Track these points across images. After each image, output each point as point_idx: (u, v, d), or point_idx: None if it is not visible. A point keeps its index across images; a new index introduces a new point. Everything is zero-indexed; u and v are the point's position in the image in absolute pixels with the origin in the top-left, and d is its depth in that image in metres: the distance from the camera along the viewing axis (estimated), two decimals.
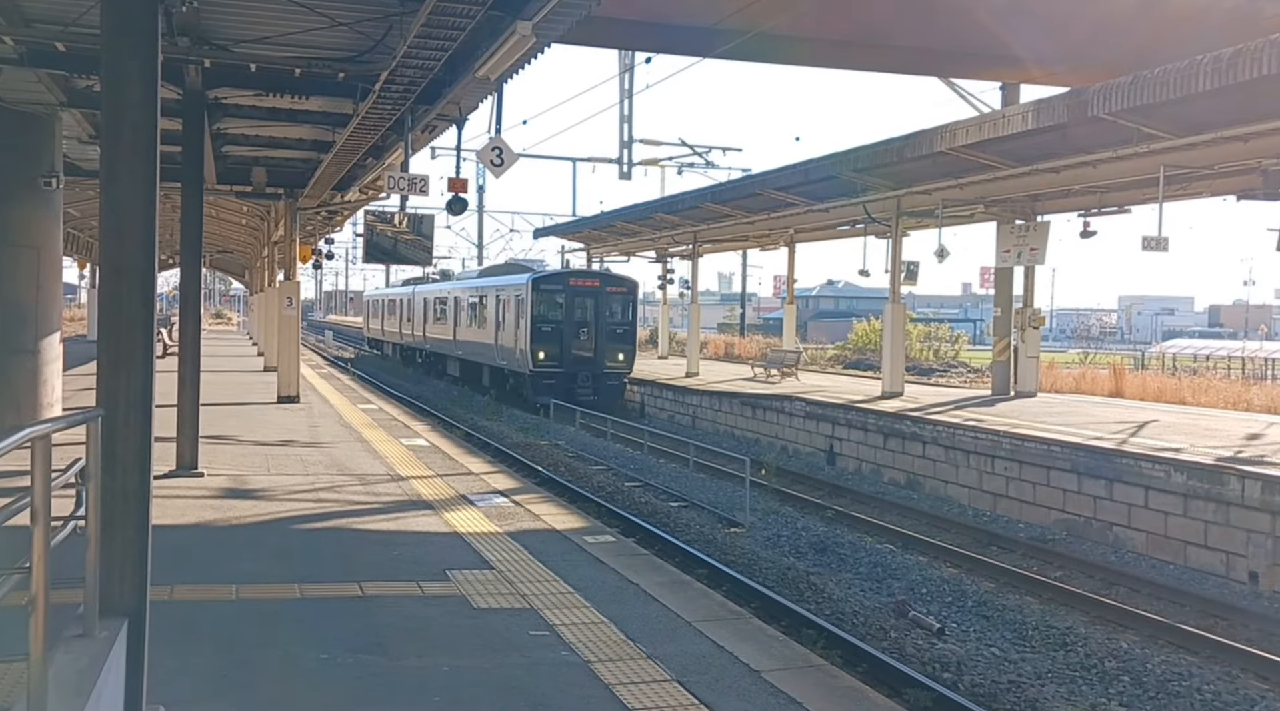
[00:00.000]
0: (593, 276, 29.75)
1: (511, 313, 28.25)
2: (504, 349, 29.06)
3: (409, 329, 42.57)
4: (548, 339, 27.01)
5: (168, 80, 10.91)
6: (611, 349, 27.57)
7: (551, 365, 26.89)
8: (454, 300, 35.05)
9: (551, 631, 6.29)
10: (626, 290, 28.79)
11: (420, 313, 40.17)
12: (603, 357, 27.37)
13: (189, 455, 11.48)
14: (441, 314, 36.86)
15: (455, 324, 34.65)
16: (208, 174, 17.37)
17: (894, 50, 16.88)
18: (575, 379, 26.91)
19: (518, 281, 28.65)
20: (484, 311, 31.30)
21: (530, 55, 9.60)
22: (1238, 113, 11.95)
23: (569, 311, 27.45)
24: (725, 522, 13.94)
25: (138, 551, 4.65)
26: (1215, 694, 8.18)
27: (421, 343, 40.12)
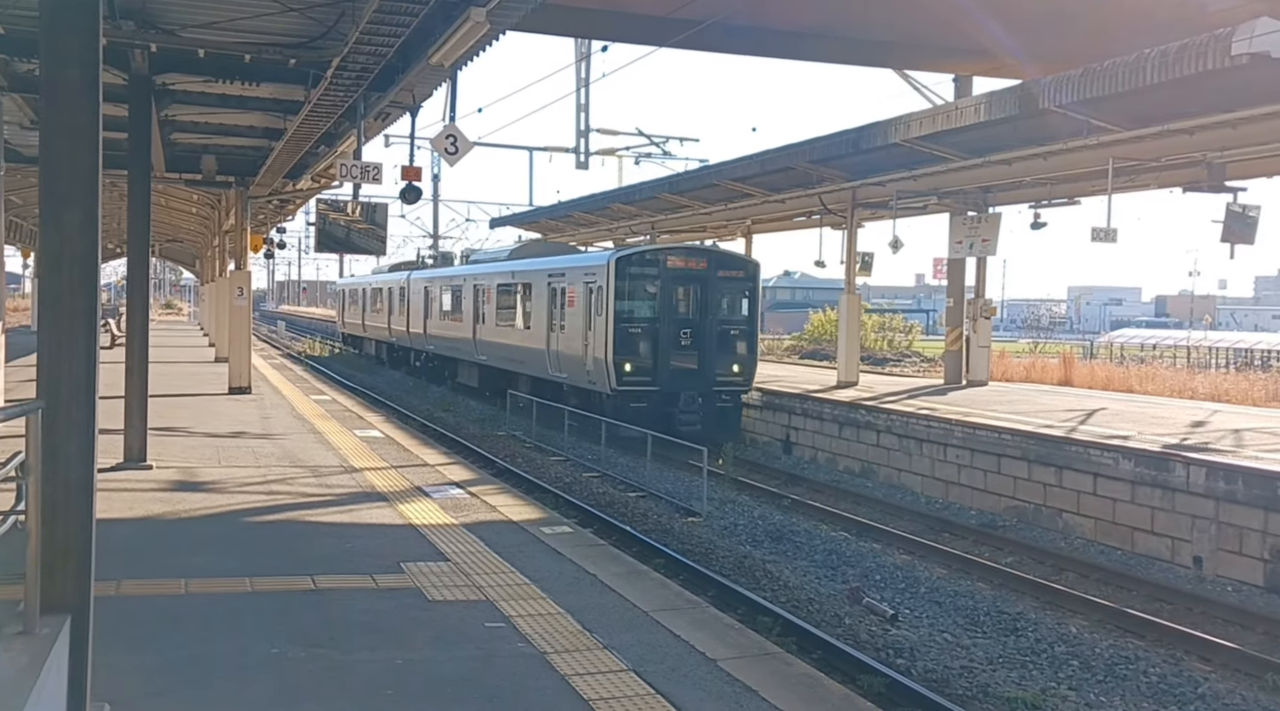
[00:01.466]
0: (699, 255, 20.51)
1: (580, 306, 20.32)
2: (565, 357, 21.06)
3: (401, 324, 34.59)
4: (637, 344, 19.26)
5: (112, 65, 10.67)
6: (725, 357, 19.64)
7: (641, 381, 19.05)
8: (474, 288, 27.18)
9: (507, 623, 6.26)
10: (745, 273, 20.53)
11: (419, 304, 32.36)
12: (712, 369, 19.48)
13: (137, 447, 11.28)
14: (453, 306, 29.17)
15: (476, 319, 26.88)
16: (156, 161, 17.04)
17: (849, 42, 16.97)
18: (676, 400, 19.00)
19: (592, 262, 21.04)
20: (528, 303, 23.47)
21: (484, 42, 9.51)
22: (1184, 106, 12.15)
23: (667, 304, 19.52)
24: (683, 512, 13.98)
25: (81, 546, 4.54)
26: (1160, 676, 8.35)
27: (420, 341, 32.58)
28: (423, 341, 32.28)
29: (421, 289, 32.40)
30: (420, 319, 32.29)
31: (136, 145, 11.82)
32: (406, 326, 34.07)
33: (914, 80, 18.91)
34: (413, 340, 33.64)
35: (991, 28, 15.46)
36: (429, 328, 31.42)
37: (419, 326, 32.46)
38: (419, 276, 33.79)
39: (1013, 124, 13.96)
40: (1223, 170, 13.99)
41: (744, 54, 18.58)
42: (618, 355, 19.04)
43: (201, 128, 15.95)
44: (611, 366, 19.02)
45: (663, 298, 19.55)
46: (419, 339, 32.72)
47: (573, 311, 20.76)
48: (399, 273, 37.22)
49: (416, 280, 33.58)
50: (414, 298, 33.23)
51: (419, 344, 32.94)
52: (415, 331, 33.00)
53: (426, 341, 31.77)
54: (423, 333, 32.04)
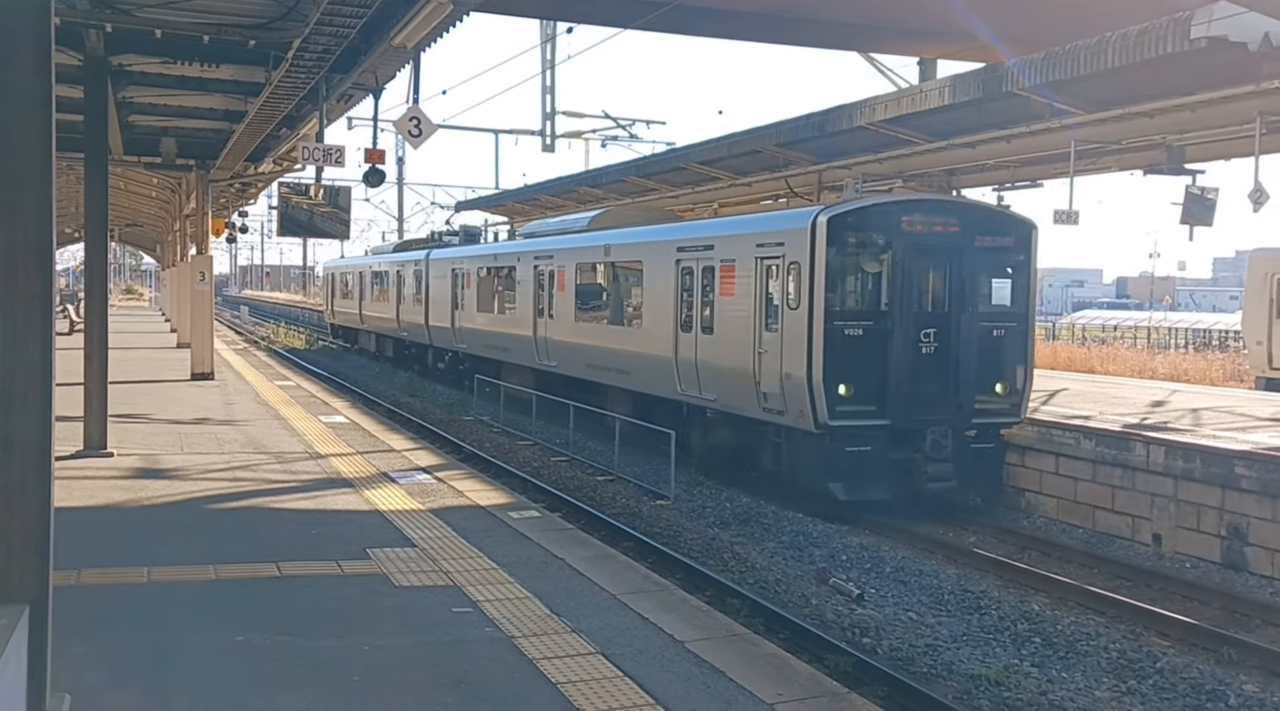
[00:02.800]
0: (948, 211, 13.58)
1: (749, 294, 13.55)
2: (713, 371, 14.39)
3: (416, 315, 28.18)
4: (857, 355, 12.52)
5: (66, 45, 10.46)
6: (987, 371, 13.02)
7: (862, 412, 12.48)
8: (534, 271, 20.47)
9: (475, 608, 6.26)
10: (1014, 240, 13.47)
11: (442, 291, 26.01)
12: (969, 389, 12.88)
13: (97, 435, 11.13)
14: (500, 294, 23.15)
15: (538, 312, 20.28)
16: (113, 144, 16.74)
17: (815, 24, 16.97)
18: (918, 441, 12.54)
19: (774, 226, 13.94)
20: (635, 290, 17.28)
21: (448, 23, 9.41)
22: (1144, 89, 12.28)
23: (903, 289, 12.67)
24: (651, 495, 14.01)
25: (38, 535, 4.47)
26: (1121, 651, 8.49)
27: (444, 338, 26.19)
28: (449, 338, 25.64)
29: (447, 272, 25.78)
30: (445, 310, 25.68)
31: (93, 127, 11.60)
32: (425, 319, 27.20)
33: (879, 63, 18.97)
34: (434, 336, 26.81)
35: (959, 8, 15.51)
36: (460, 320, 24.78)
37: (442, 319, 25.90)
38: (443, 256, 26.71)
39: (977, 107, 14.03)
40: (1182, 153, 14.16)
41: (709, 36, 18.54)
42: (830, 372, 12.19)
43: (160, 110, 15.68)
44: (820, 390, 12.16)
45: (897, 279, 12.64)
46: (443, 334, 26.01)
47: (731, 302, 13.98)
48: (411, 252, 30.25)
49: (440, 261, 26.67)
50: (435, 283, 26.62)
51: (443, 341, 26.20)
52: (438, 325, 26.33)
53: (456, 338, 25.05)
54: (450, 327, 25.34)
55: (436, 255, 27.41)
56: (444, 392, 25.27)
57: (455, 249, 27.05)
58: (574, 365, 18.84)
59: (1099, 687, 7.74)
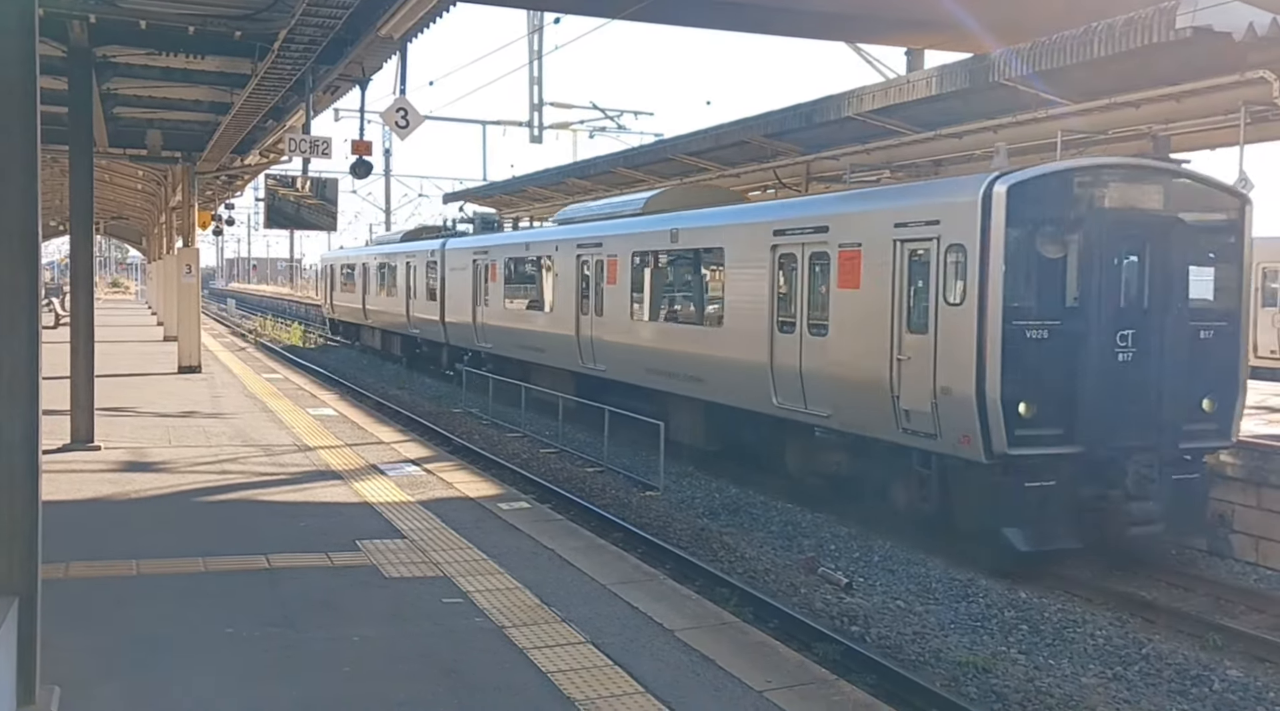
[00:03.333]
0: (1149, 178, 10.72)
1: (883, 286, 10.99)
2: (832, 383, 11.78)
3: (430, 311, 25.62)
4: (1040, 364, 9.88)
5: (50, 36, 10.39)
6: (1196, 383, 10.41)
7: (1048, 437, 9.85)
8: (578, 262, 17.92)
9: (465, 598, 6.27)
10: (1225, 216, 11.02)
11: (462, 285, 23.39)
12: (1174, 407, 10.21)
13: (84, 428, 11.09)
14: (533, 288, 20.93)
15: (582, 309, 17.68)
16: (98, 136, 16.65)
17: (802, 14, 16.94)
18: (1118, 474, 9.96)
19: (925, 198, 11.11)
20: (714, 282, 15.19)
21: (435, 13, 9.40)
22: (1130, 79, 12.31)
23: (1096, 278, 9.98)
24: (641, 487, 14.03)
25: (27, 529, 4.47)
26: (1107, 638, 8.56)
27: (465, 336, 23.44)
28: (468, 336, 23.19)
29: (467, 263, 23.16)
30: (464, 305, 23.31)
31: (77, 119, 11.54)
32: (440, 315, 24.89)
33: (866, 53, 18.98)
34: (451, 334, 24.54)
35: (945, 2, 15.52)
36: (484, 317, 22.31)
37: (461, 315, 23.48)
38: (463, 246, 24.31)
39: (964, 97, 14.05)
40: (1167, 143, 14.17)
41: (697, 26, 18.53)
42: (1009, 386, 9.61)
43: (146, 102, 15.59)
44: (996, 409, 9.60)
45: (1090, 267, 9.99)
46: (462, 332, 23.63)
47: (854, 297, 11.41)
48: (422, 242, 28.02)
49: (459, 251, 24.08)
50: (453, 275, 24.24)
51: (462, 339, 23.81)
52: (456, 322, 23.99)
53: (478, 337, 22.60)
54: (471, 324, 22.93)
55: (454, 245, 24.62)
56: (432, 385, 25.24)
57: (476, 237, 24.57)
58: (628, 370, 16.26)
59: (1085, 674, 7.81)
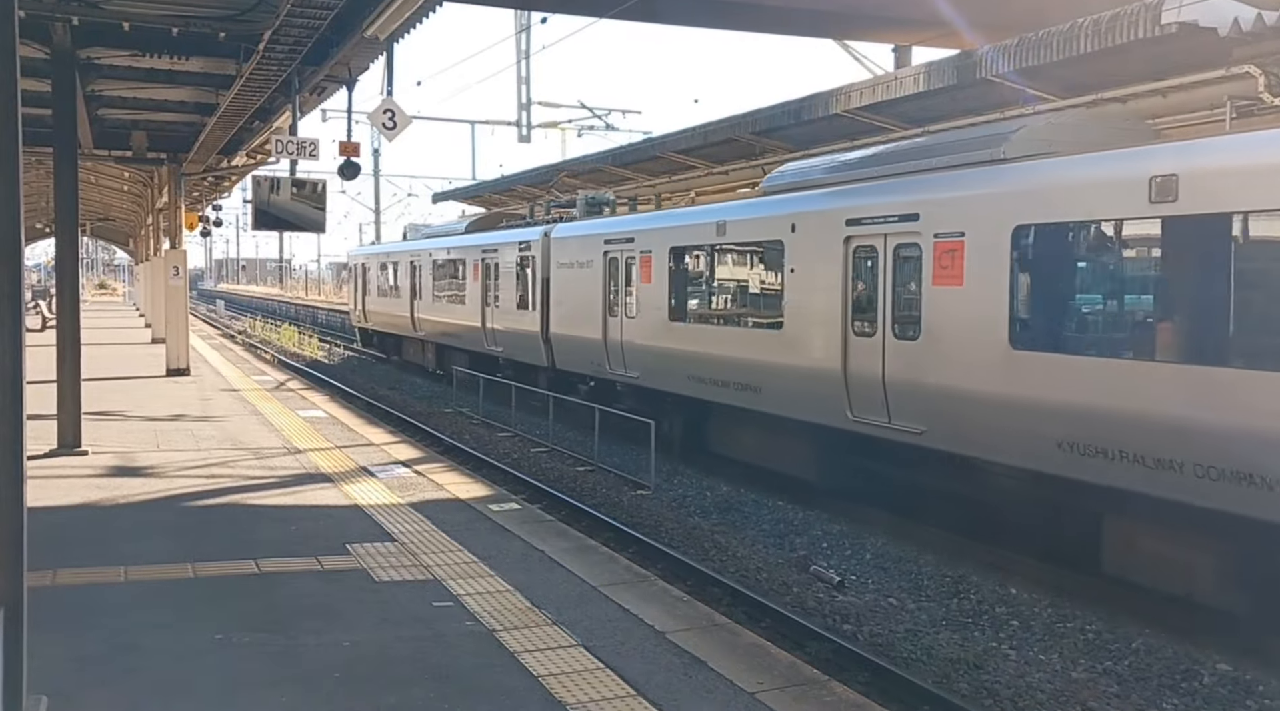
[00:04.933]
0: None
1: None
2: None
3: (527, 322, 19.36)
4: None
5: (32, 38, 10.33)
6: None
7: None
8: (816, 241, 11.66)
9: (456, 602, 6.25)
10: None
11: (592, 286, 16.86)
12: None
13: (71, 433, 11.03)
14: (717, 291, 14.56)
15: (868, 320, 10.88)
16: (83, 138, 16.58)
17: (790, 12, 16.95)
18: None
19: None
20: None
21: (421, 14, 9.37)
22: (1117, 75, 12.34)
23: None
24: (631, 485, 14.01)
25: (11, 537, 4.43)
26: (1096, 632, 8.58)
27: (590, 359, 17.01)
28: (594, 358, 16.81)
29: (592, 256, 16.84)
30: (586, 315, 16.94)
31: (61, 121, 11.47)
32: (541, 328, 18.64)
33: (854, 50, 18.99)
34: (564, 354, 18.18)
35: None
36: (626, 333, 15.77)
37: (580, 327, 17.16)
38: (579, 234, 17.90)
39: (951, 94, 14.05)
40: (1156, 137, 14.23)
41: (684, 24, 18.55)
42: None
43: (130, 103, 15.53)
44: None
45: None
46: (582, 352, 17.22)
47: None
48: (503, 232, 21.72)
49: (574, 241, 17.89)
50: (565, 276, 17.95)
51: (582, 362, 17.35)
52: (570, 337, 17.72)
53: (616, 360, 16.13)
54: (601, 340, 16.49)
55: (565, 232, 18.39)
56: (423, 385, 25.17)
57: (606, 222, 17.75)
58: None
59: (1076, 668, 7.82)
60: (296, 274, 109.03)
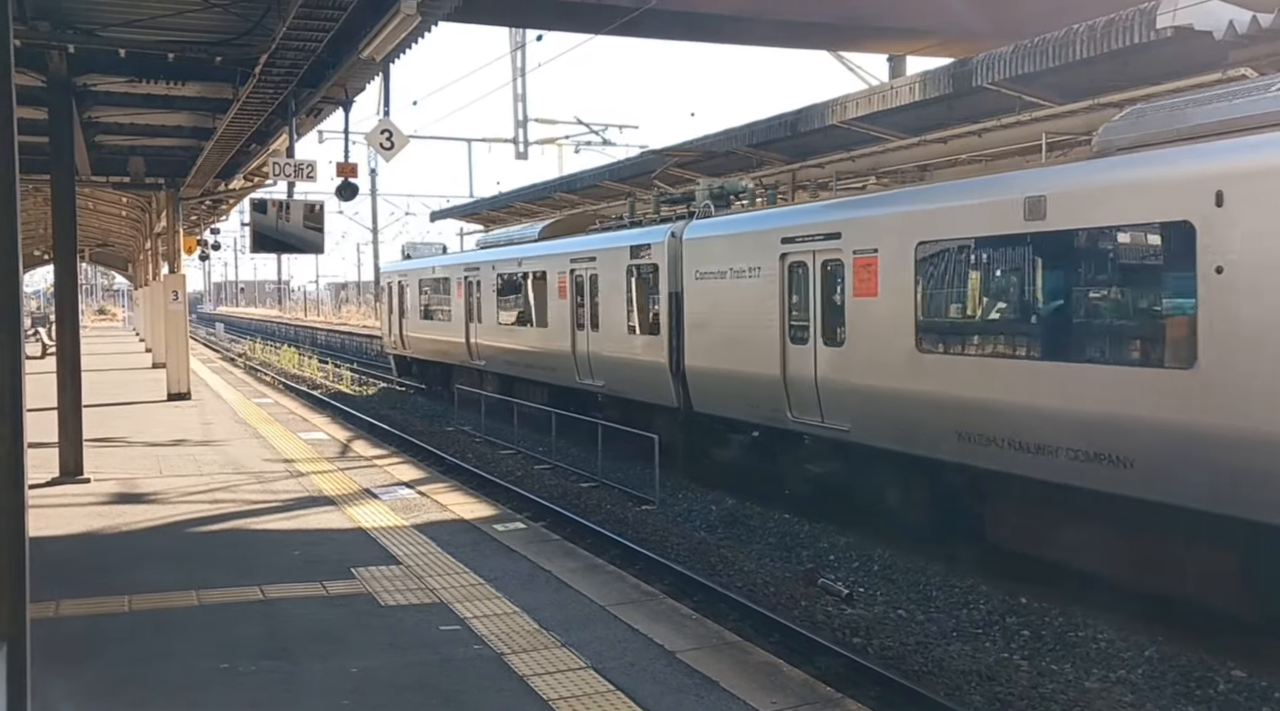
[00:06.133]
0: None
1: None
2: None
3: (644, 349, 15.30)
4: None
5: (29, 67, 10.34)
6: None
7: None
8: None
9: (463, 625, 6.19)
10: None
11: (766, 302, 12.37)
12: None
13: (73, 460, 10.97)
14: None
15: None
16: (81, 164, 16.60)
17: (785, 25, 17.00)
18: None
19: None
20: None
21: (416, 34, 9.36)
22: (1112, 79, 12.33)
23: None
24: (636, 501, 13.95)
25: (14, 570, 4.38)
26: (1109, 641, 8.51)
27: (754, 401, 12.71)
28: (753, 399, 12.79)
29: (761, 262, 12.59)
30: (743, 343, 12.88)
31: (58, 148, 11.46)
32: (670, 357, 14.44)
33: (848, 61, 19.04)
34: (703, 393, 13.97)
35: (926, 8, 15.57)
36: (824, 366, 11.55)
37: (731, 358, 13.16)
38: (730, 232, 13.65)
39: (947, 102, 14.06)
40: None
41: (678, 39, 18.58)
42: None
43: (128, 129, 15.53)
44: None
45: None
46: (736, 393, 13.16)
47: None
48: (601, 237, 17.33)
49: (720, 241, 13.71)
50: (706, 289, 13.69)
51: (735, 405, 13.32)
52: (715, 373, 13.63)
53: (803, 404, 11.88)
54: (780, 377, 12.18)
55: (706, 230, 13.97)
56: (424, 404, 25.12)
57: (783, 213, 13.00)
58: None
59: (1089, 678, 7.75)
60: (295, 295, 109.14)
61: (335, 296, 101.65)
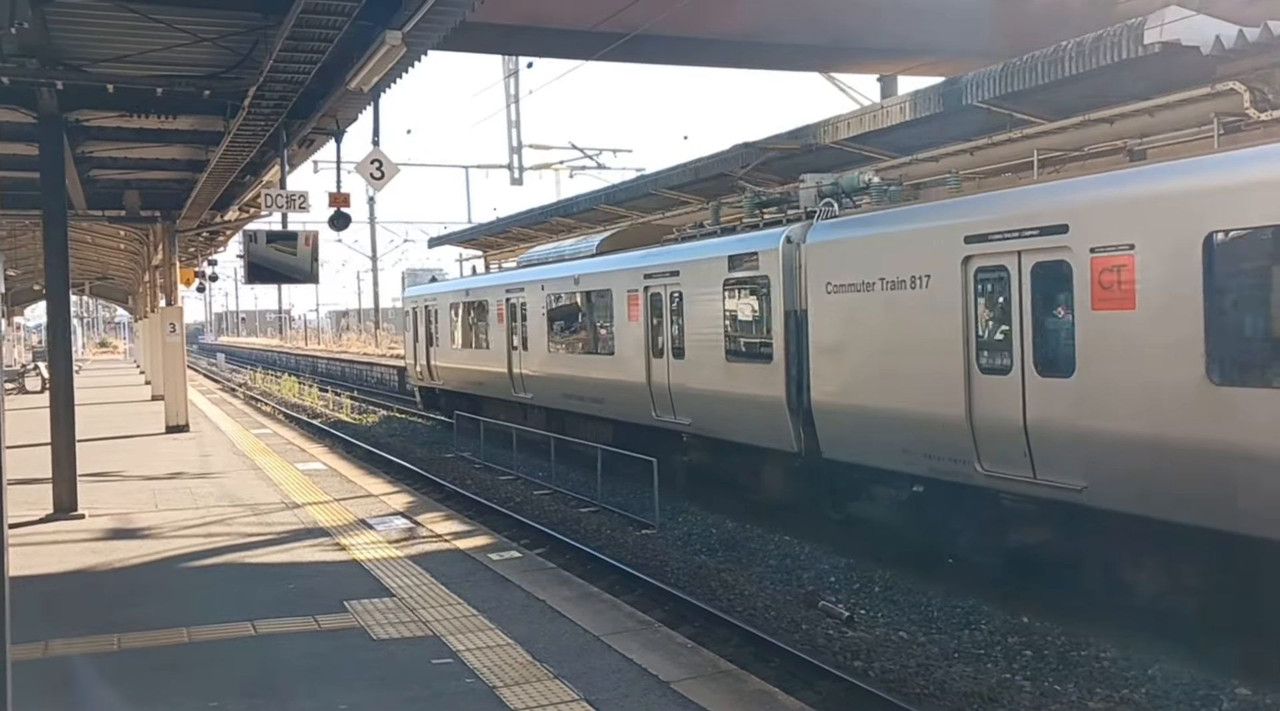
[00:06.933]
0: None
1: None
2: None
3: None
4: None
5: (19, 103, 10.37)
6: None
7: None
8: None
9: (455, 658, 6.12)
10: None
11: None
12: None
13: (66, 497, 10.90)
14: None
15: None
16: (76, 199, 16.63)
17: (776, 48, 17.07)
18: None
19: None
20: None
21: (405, 65, 9.39)
22: (1102, 96, 12.36)
23: None
24: (636, 525, 13.88)
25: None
26: (1112, 660, 8.42)
27: None
28: (917, 441, 9.93)
29: (945, 271, 9.64)
30: (916, 371, 9.91)
31: (50, 184, 11.46)
32: (790, 388, 11.77)
33: (840, 82, 19.10)
34: (843, 433, 11.11)
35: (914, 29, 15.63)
36: (1098, 409, 8.23)
37: (917, 393, 9.87)
38: (888, 231, 10.84)
39: (938, 121, 14.09)
40: (1143, 156, 14.24)
41: (670, 64, 18.66)
42: None
43: (121, 163, 15.57)
44: None
45: None
46: (906, 437, 10.06)
47: None
48: (689, 247, 14.69)
49: (874, 244, 10.86)
50: (855, 303, 10.73)
51: (897, 444, 10.23)
52: (887, 409, 10.29)
53: (1018, 458, 8.90)
54: (1004, 422, 8.98)
55: (841, 232, 11.50)
56: (424, 432, 25.06)
57: (965, 203, 10.37)
58: None
59: (1093, 698, 7.67)
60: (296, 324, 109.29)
61: (336, 324, 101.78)
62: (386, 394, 36.86)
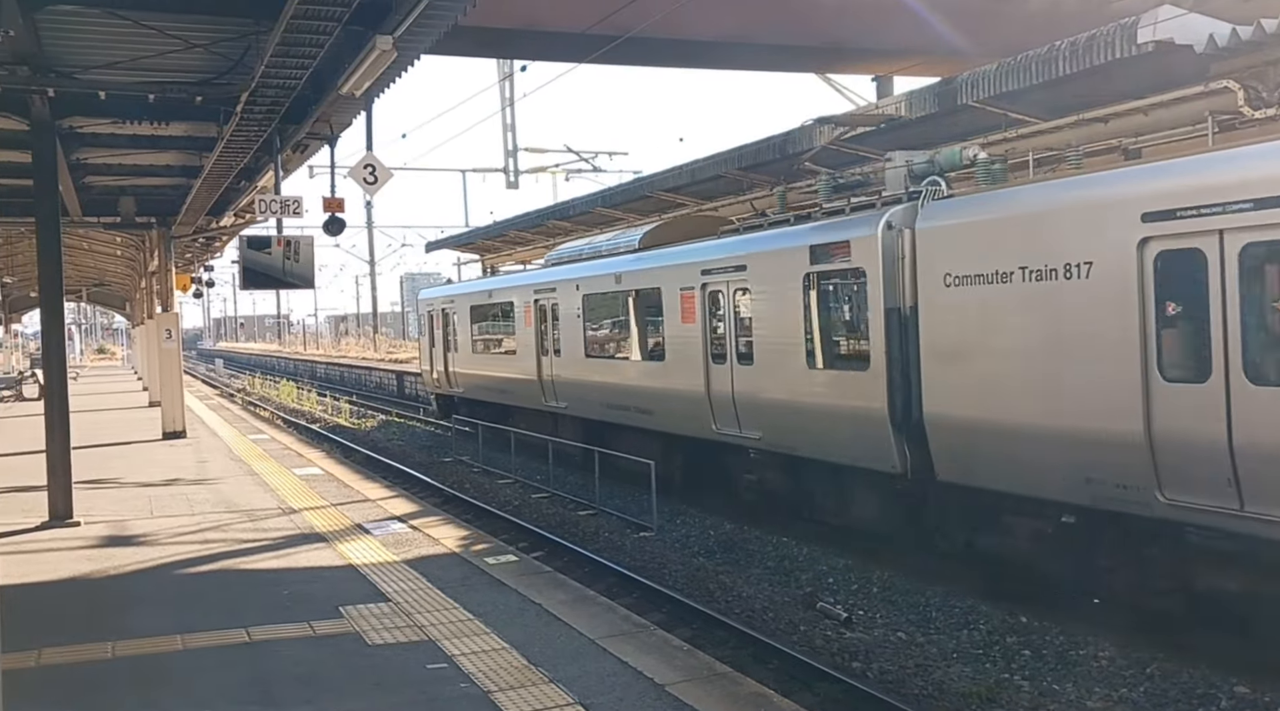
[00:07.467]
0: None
1: None
2: None
3: None
4: None
5: (11, 111, 10.36)
6: None
7: None
8: None
9: (450, 663, 6.10)
10: None
11: None
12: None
13: (62, 504, 10.87)
14: None
15: None
16: (71, 206, 16.61)
17: (770, 49, 17.03)
18: None
19: None
20: None
21: (397, 70, 9.38)
22: (1097, 95, 12.36)
23: None
24: (634, 527, 13.86)
25: None
26: (1110, 659, 8.40)
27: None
28: (1080, 465, 8.20)
29: (1117, 256, 7.89)
30: (1075, 382, 8.21)
31: (42, 191, 11.44)
32: (893, 400, 10.06)
33: (835, 83, 19.09)
34: (970, 453, 9.33)
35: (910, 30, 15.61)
36: None
37: (1077, 408, 8.18)
38: (1021, 212, 9.04)
39: (933, 122, 14.09)
40: (1139, 155, 14.24)
41: (664, 66, 18.64)
42: None
43: (116, 169, 15.56)
44: None
45: None
46: (1066, 462, 8.33)
47: None
48: (756, 237, 12.94)
49: (1006, 227, 9.05)
50: (982, 299, 9.06)
51: (1051, 469, 8.48)
52: (1034, 426, 8.58)
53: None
54: (1229, 443, 7.11)
55: (958, 215, 9.85)
56: (422, 435, 25.04)
57: (1133, 172, 8.69)
58: None
59: (1091, 697, 7.65)
60: (295, 329, 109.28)
61: (334, 329, 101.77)
62: (385, 398, 36.87)
